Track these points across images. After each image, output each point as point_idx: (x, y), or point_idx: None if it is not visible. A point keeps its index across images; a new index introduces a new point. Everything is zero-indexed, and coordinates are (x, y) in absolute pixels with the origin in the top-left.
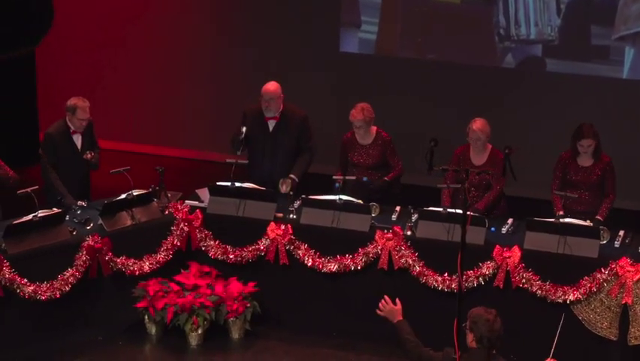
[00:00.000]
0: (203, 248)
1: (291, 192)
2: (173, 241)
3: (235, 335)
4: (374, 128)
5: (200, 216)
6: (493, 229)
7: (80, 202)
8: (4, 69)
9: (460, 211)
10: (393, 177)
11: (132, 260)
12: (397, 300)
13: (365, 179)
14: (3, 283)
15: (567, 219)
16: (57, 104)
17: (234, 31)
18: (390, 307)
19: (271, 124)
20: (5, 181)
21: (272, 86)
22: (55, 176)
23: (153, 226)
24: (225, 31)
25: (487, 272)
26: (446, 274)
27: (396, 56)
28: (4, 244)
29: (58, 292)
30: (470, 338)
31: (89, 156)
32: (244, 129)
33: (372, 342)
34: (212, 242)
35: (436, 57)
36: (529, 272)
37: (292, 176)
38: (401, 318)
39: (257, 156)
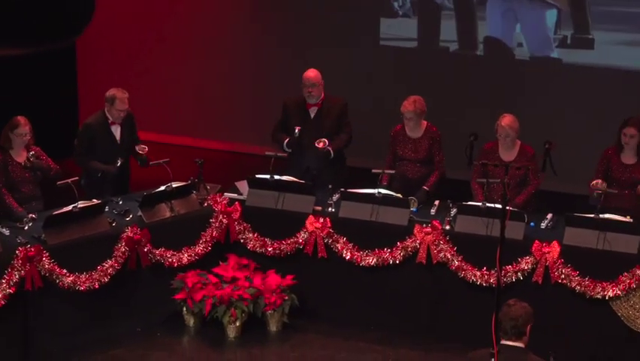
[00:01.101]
0: (241, 241)
1: (327, 149)
2: (212, 233)
3: (273, 327)
4: (424, 123)
5: (239, 208)
6: (532, 224)
7: (119, 161)
8: (45, 61)
9: (499, 206)
10: (432, 185)
11: (171, 252)
12: None
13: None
14: (42, 273)
15: (607, 215)
16: (97, 96)
17: (274, 24)
18: None
19: (312, 111)
20: (47, 172)
21: (313, 72)
22: (87, 158)
23: (192, 218)
24: (265, 24)
25: (525, 267)
26: (485, 269)
27: (436, 48)
28: (43, 235)
29: (97, 283)
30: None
31: (142, 151)
32: (297, 130)
33: (410, 336)
34: (250, 235)
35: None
36: (569, 268)
37: (329, 148)
38: None
39: (298, 147)
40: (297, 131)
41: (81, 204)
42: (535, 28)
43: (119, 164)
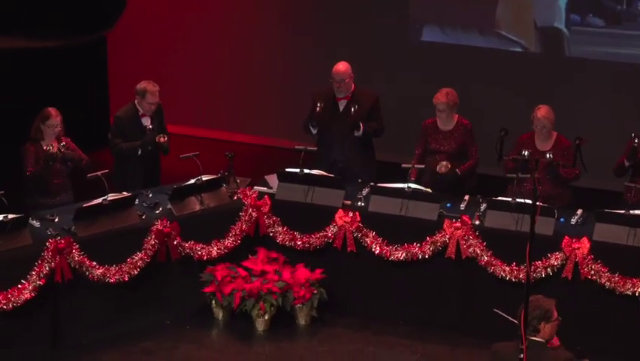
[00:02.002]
0: (271, 234)
1: (358, 129)
2: (242, 227)
3: (301, 321)
4: (455, 116)
5: (268, 202)
6: (562, 219)
7: (161, 138)
8: (77, 53)
9: (529, 201)
10: (466, 169)
11: (200, 245)
12: None
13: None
14: (72, 265)
15: (637, 211)
16: (128, 88)
17: (305, 17)
18: None
19: (342, 104)
20: (78, 163)
21: (342, 66)
22: (123, 143)
23: (222, 212)
24: (295, 18)
25: (555, 263)
26: (514, 265)
27: (464, 44)
28: (74, 227)
29: (126, 276)
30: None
31: (162, 139)
32: (319, 106)
33: (438, 331)
34: (280, 228)
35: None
36: (598, 264)
37: (360, 123)
38: None
39: (326, 139)
40: (318, 106)
41: (111, 196)
42: (574, 23)
43: (164, 140)
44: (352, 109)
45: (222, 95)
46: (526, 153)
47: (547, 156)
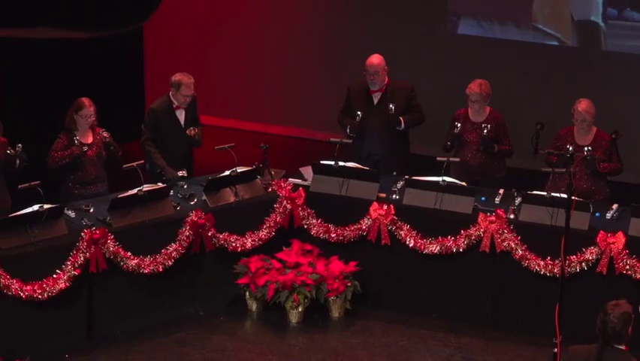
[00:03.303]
0: (305, 226)
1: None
2: (276, 219)
3: (335, 313)
4: (488, 108)
5: (303, 194)
6: (597, 214)
7: (180, 173)
8: (112, 45)
9: (564, 195)
10: (503, 150)
11: (235, 236)
12: None
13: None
14: (107, 256)
15: None
16: (163, 80)
17: (341, 9)
18: None
19: (376, 97)
20: (115, 154)
21: (376, 59)
22: (154, 150)
23: (256, 203)
24: (332, 10)
25: (590, 258)
26: (548, 259)
27: (500, 37)
28: (109, 218)
29: (161, 267)
30: None
31: (192, 132)
32: (359, 115)
33: (472, 325)
34: (314, 220)
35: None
36: (634, 259)
37: (400, 117)
38: None
39: (361, 132)
40: (358, 115)
41: (146, 187)
42: (611, 17)
43: (182, 174)
44: (391, 106)
45: (258, 87)
46: (570, 148)
47: (586, 150)
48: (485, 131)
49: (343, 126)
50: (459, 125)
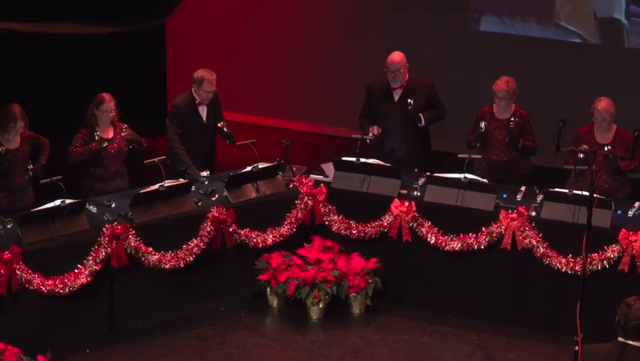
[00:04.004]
0: (326, 223)
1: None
2: (297, 215)
3: (356, 310)
4: (513, 105)
5: (324, 190)
6: (619, 212)
7: (203, 173)
8: (135, 40)
9: (585, 193)
10: (524, 145)
11: (256, 232)
12: None
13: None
14: (128, 251)
15: None
16: (185, 76)
17: (363, 6)
18: None
19: (397, 94)
20: (140, 146)
21: (397, 56)
22: (180, 147)
23: (277, 199)
24: (354, 7)
25: (612, 256)
26: (570, 256)
27: (522, 34)
28: (130, 213)
29: (182, 262)
30: None
31: (222, 125)
32: (376, 132)
33: (493, 322)
34: (335, 217)
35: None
36: None
37: (420, 114)
38: None
39: (382, 128)
40: (375, 134)
41: (168, 183)
42: (634, 15)
43: (205, 175)
44: (410, 102)
45: (279, 83)
46: (584, 147)
47: (606, 148)
48: (512, 123)
49: (362, 130)
50: (484, 123)
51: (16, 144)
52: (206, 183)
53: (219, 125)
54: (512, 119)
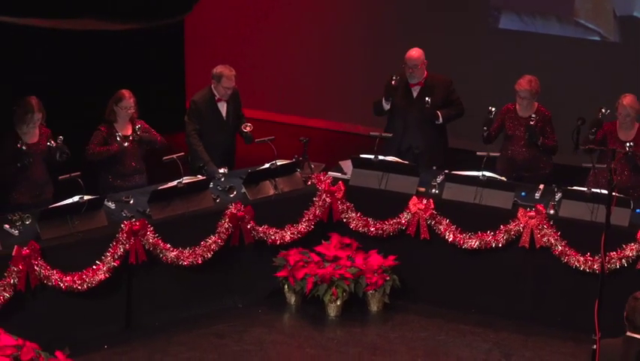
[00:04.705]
0: (344, 220)
1: (437, 118)
2: (315, 212)
3: (373, 307)
4: (535, 104)
5: (342, 188)
6: (638, 210)
7: (221, 170)
8: (154, 36)
9: (604, 191)
10: (544, 143)
11: (274, 229)
12: None
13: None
14: (147, 247)
15: None
16: (204, 72)
17: (385, 5)
18: None
19: (415, 90)
20: (153, 144)
21: (416, 52)
22: (198, 143)
23: (295, 196)
24: (376, 5)
25: (630, 254)
26: (588, 255)
27: (541, 32)
28: (148, 209)
29: (200, 259)
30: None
31: (248, 128)
32: (395, 79)
33: (511, 320)
34: (353, 214)
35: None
36: None
37: (438, 111)
38: None
39: (400, 125)
40: (394, 79)
41: (186, 179)
42: None
43: (223, 172)
44: (427, 100)
45: (298, 80)
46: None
47: (627, 145)
48: (532, 121)
49: (377, 105)
50: (493, 109)
51: (34, 138)
52: (223, 179)
53: (243, 127)
54: (533, 116)
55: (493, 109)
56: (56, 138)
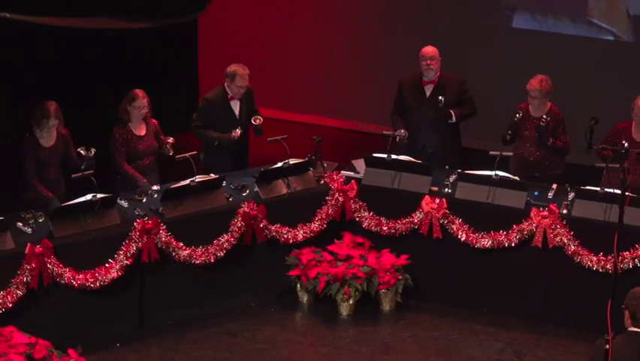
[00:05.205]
0: (357, 219)
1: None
2: (328, 211)
3: (386, 306)
4: (548, 104)
5: (355, 187)
6: None
7: (234, 133)
8: (167, 35)
9: (617, 191)
10: (554, 144)
11: (286, 228)
12: None
13: None
14: (159, 246)
15: None
16: (217, 71)
17: (398, 4)
18: None
19: (428, 89)
20: (166, 154)
21: (431, 48)
22: (203, 129)
23: (308, 195)
24: (389, 5)
25: None
26: (601, 255)
27: (554, 32)
28: (161, 208)
29: (212, 257)
30: (626, 316)
31: (257, 121)
32: (403, 133)
33: (524, 320)
34: (366, 213)
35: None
36: None
37: (451, 110)
38: None
39: (413, 124)
40: (402, 133)
41: (199, 178)
42: None
43: (237, 132)
44: (440, 99)
45: (311, 79)
46: (626, 144)
47: None
48: (542, 122)
49: (394, 128)
50: (520, 113)
51: (51, 142)
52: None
53: (253, 120)
54: (544, 117)
55: (520, 113)
56: (89, 147)
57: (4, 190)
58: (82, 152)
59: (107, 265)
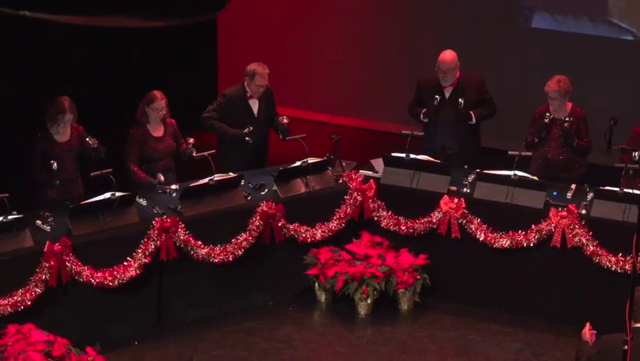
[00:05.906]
0: (375, 218)
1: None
2: (346, 210)
3: (404, 306)
4: (569, 104)
5: (373, 186)
6: None
7: (246, 129)
8: (186, 34)
9: (637, 192)
10: (579, 144)
11: (305, 227)
12: None
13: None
14: (178, 244)
15: None
16: (237, 71)
17: (417, 4)
18: None
19: (448, 91)
20: (189, 155)
21: (449, 55)
22: (216, 122)
23: (327, 195)
24: (408, 4)
25: None
26: (620, 255)
27: (574, 32)
28: (180, 206)
29: (231, 256)
30: None
31: (286, 120)
32: (437, 99)
33: (542, 319)
34: (384, 213)
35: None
36: None
37: (471, 112)
38: None
39: (433, 125)
40: (437, 98)
41: (217, 177)
42: None
43: (248, 130)
44: (460, 102)
45: (330, 78)
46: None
47: None
48: (566, 123)
49: (415, 115)
50: (550, 114)
51: (66, 137)
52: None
53: (284, 121)
54: (567, 118)
55: (551, 116)
56: (89, 137)
57: (22, 190)
58: (89, 140)
59: (125, 263)
